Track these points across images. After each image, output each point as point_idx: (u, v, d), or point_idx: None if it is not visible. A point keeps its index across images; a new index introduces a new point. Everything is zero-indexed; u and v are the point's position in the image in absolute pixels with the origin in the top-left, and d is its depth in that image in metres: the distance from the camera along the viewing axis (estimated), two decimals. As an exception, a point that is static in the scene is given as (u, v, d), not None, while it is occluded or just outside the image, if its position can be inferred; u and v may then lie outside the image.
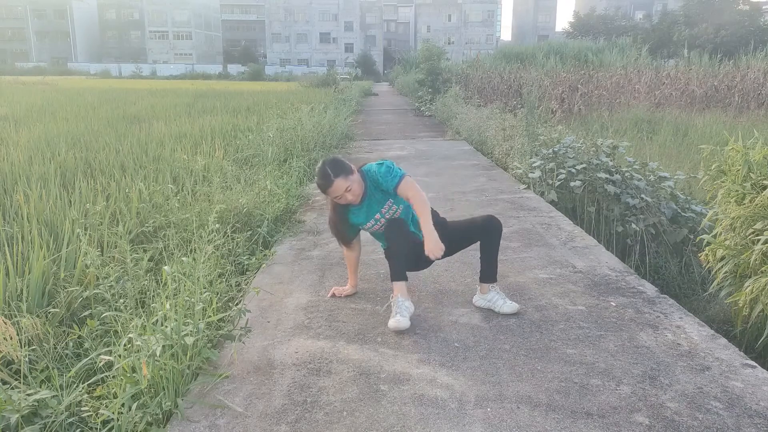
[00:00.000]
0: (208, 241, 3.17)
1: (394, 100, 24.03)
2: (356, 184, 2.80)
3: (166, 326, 2.23)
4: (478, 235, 3.00)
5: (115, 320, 2.54)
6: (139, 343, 2.10)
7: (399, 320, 2.75)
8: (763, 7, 42.49)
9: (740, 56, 20.09)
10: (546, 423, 2.05)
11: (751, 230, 2.91)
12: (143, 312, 2.67)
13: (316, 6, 74.42)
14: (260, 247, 4.04)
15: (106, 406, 1.97)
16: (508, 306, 2.94)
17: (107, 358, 2.16)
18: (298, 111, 10.46)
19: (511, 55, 28.12)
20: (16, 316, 2.51)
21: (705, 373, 2.37)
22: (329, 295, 3.20)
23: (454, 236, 2.98)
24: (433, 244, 2.67)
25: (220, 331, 2.60)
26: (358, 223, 2.98)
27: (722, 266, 3.05)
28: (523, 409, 2.13)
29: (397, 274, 2.85)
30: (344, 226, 2.99)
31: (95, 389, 2.12)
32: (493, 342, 2.67)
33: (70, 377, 2.16)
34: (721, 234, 3.18)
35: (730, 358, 2.49)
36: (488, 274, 3.00)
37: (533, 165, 5.89)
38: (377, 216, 2.92)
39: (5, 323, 2.18)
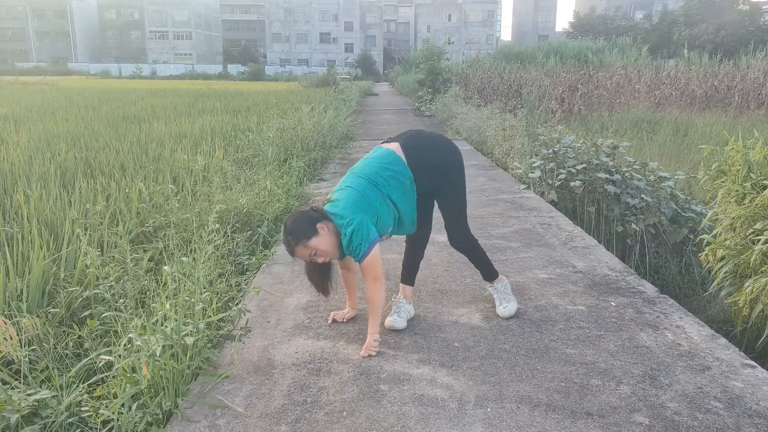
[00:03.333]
0: (208, 241, 3.17)
1: (394, 100, 24.03)
2: (323, 245, 2.47)
3: (166, 326, 2.23)
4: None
5: (115, 320, 2.54)
6: (139, 343, 2.10)
7: (395, 320, 2.80)
8: (763, 7, 42.48)
9: (740, 56, 20.13)
10: (546, 423, 2.05)
11: (751, 230, 2.91)
12: (143, 312, 2.67)
13: (316, 6, 74.42)
14: (260, 247, 4.04)
15: (106, 406, 1.97)
16: (501, 309, 2.91)
17: (107, 358, 2.16)
18: (298, 111, 10.46)
19: (511, 55, 28.11)
20: (16, 316, 2.51)
21: (705, 373, 2.37)
22: (329, 322, 2.89)
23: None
24: (368, 344, 2.55)
25: (220, 331, 2.60)
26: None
27: (722, 266, 3.05)
28: (523, 409, 2.13)
29: (407, 278, 2.95)
30: (322, 277, 2.65)
31: (95, 389, 2.12)
32: (493, 342, 2.67)
33: (70, 377, 2.16)
34: (721, 234, 3.18)
35: (730, 358, 2.49)
36: (482, 274, 3.01)
37: (533, 165, 5.89)
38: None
39: (5, 323, 2.18)
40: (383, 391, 2.27)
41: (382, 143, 2.77)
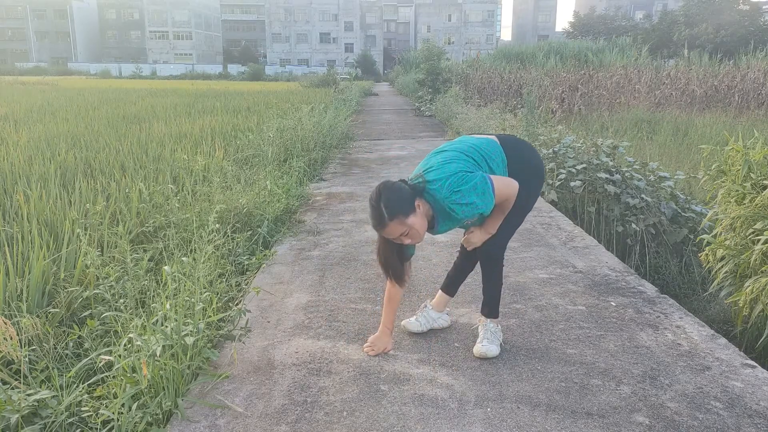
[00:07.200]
0: (208, 241, 3.16)
1: (394, 100, 24.02)
2: (418, 225, 2.18)
3: (166, 326, 2.23)
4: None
5: (115, 320, 2.54)
6: (139, 343, 2.10)
7: (411, 323, 2.74)
8: (763, 7, 42.48)
9: (740, 56, 20.13)
10: (546, 423, 2.05)
11: (751, 230, 2.91)
12: (143, 312, 2.67)
13: (316, 6, 74.42)
14: (260, 247, 4.04)
15: (106, 406, 1.97)
16: (479, 346, 2.51)
17: (107, 358, 2.16)
18: (298, 111, 10.45)
19: (511, 55, 28.07)
20: (16, 316, 2.51)
21: (705, 373, 2.37)
22: (365, 350, 2.58)
23: None
24: (478, 237, 2.40)
25: (220, 331, 2.60)
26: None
27: (722, 266, 3.05)
28: (523, 409, 2.13)
29: (448, 287, 2.79)
30: (401, 261, 2.37)
31: (95, 389, 2.12)
32: (493, 342, 2.66)
33: (70, 377, 2.16)
34: (721, 234, 3.18)
35: (730, 358, 2.49)
36: (483, 303, 2.59)
37: (533, 165, 5.88)
38: (466, 221, 2.38)
39: (5, 323, 2.18)
40: (383, 391, 2.27)
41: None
